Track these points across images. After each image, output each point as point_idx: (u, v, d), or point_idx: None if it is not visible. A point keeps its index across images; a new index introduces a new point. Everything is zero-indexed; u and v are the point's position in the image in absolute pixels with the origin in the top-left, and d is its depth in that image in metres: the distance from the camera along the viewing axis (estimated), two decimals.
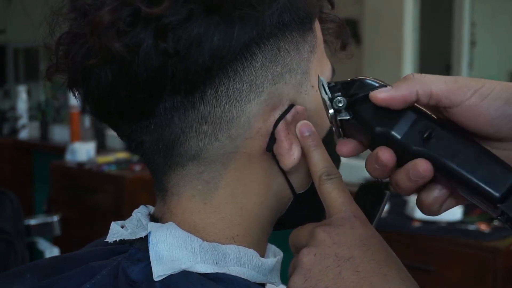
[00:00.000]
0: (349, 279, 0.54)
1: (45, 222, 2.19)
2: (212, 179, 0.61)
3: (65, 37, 0.60)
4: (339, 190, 0.59)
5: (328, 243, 0.56)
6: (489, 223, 2.28)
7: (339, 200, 0.58)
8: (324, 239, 0.56)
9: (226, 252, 0.60)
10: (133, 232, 0.63)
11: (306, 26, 0.61)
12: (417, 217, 2.30)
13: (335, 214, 0.58)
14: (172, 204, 0.63)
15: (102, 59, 0.56)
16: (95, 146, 3.62)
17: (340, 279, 0.54)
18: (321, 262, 0.55)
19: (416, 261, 2.11)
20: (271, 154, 0.61)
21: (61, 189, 3.51)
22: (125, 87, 0.57)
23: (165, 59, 0.55)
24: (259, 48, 0.58)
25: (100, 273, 0.60)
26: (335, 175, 0.59)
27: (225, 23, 0.55)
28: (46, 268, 0.65)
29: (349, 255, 0.55)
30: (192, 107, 0.58)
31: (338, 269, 0.54)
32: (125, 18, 0.55)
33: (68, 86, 0.62)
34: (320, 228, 0.57)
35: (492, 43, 4.46)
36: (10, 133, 4.58)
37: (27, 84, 4.65)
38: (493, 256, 2.06)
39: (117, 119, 0.61)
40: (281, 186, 0.63)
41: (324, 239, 0.56)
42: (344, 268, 0.54)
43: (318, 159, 0.60)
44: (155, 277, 0.58)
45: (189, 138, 0.59)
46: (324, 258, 0.55)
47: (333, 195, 0.58)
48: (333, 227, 0.57)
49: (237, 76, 0.58)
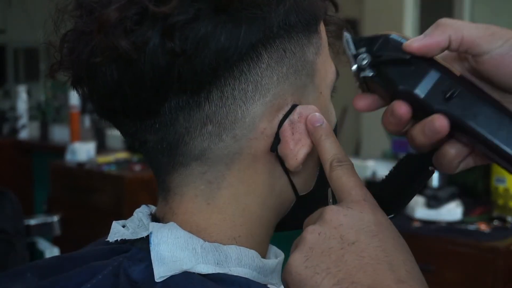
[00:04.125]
0: (352, 263, 0.52)
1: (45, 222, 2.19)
2: (215, 179, 0.61)
3: (70, 35, 0.60)
4: (348, 175, 0.58)
5: (335, 223, 0.54)
6: (489, 223, 2.28)
7: (349, 185, 0.57)
8: (331, 219, 0.55)
9: (228, 253, 0.60)
10: (134, 232, 0.63)
11: (312, 28, 0.61)
12: (417, 217, 2.30)
13: (345, 199, 0.57)
14: (174, 204, 0.62)
15: (108, 57, 0.56)
16: (95, 146, 3.62)
17: (342, 262, 0.52)
18: (324, 242, 0.54)
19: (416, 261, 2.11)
20: (275, 155, 0.61)
21: (61, 189, 3.51)
22: (130, 85, 0.57)
23: (171, 58, 0.55)
24: (265, 49, 0.58)
25: (101, 273, 0.60)
26: (346, 162, 0.59)
27: (232, 23, 0.55)
28: (46, 268, 0.64)
29: (355, 239, 0.53)
30: (198, 107, 0.58)
31: (342, 252, 0.53)
32: (132, 17, 0.55)
33: (72, 84, 0.62)
34: (328, 208, 0.56)
35: None
36: (10, 133, 4.58)
37: (27, 84, 4.65)
38: (493, 256, 2.06)
39: (122, 118, 0.61)
40: (284, 187, 0.63)
41: (331, 218, 0.55)
42: (348, 252, 0.53)
43: (329, 147, 0.59)
44: (157, 278, 0.58)
45: (194, 138, 0.59)
46: (329, 239, 0.54)
47: (343, 180, 0.57)
48: (343, 208, 0.55)
49: (242, 77, 0.57)
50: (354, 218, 0.54)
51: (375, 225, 0.54)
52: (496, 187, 2.40)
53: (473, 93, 0.55)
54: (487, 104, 0.55)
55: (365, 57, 0.58)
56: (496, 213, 2.36)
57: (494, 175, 2.41)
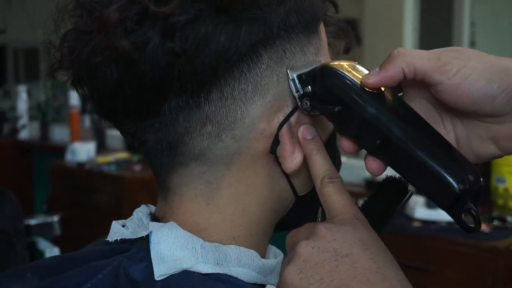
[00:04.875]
0: (346, 273, 0.53)
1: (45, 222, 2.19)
2: (214, 180, 0.61)
3: (70, 34, 0.60)
4: (340, 193, 0.58)
5: (328, 238, 0.55)
6: (489, 223, 2.28)
7: (340, 203, 0.58)
8: (325, 235, 0.55)
9: (227, 253, 0.60)
10: (134, 232, 0.63)
11: (312, 29, 0.61)
12: (417, 217, 2.30)
13: (336, 216, 0.57)
14: (174, 204, 0.63)
15: (108, 57, 0.56)
16: (95, 146, 3.62)
17: (336, 272, 0.53)
18: (318, 254, 0.54)
19: (416, 261, 2.11)
20: (274, 156, 0.61)
21: (61, 189, 3.51)
22: (131, 85, 0.57)
23: (172, 58, 0.55)
24: (265, 50, 0.58)
25: (101, 273, 0.60)
26: (336, 179, 0.59)
27: (233, 24, 0.55)
28: (46, 268, 0.65)
29: (348, 251, 0.54)
30: (197, 107, 0.58)
31: (336, 263, 0.53)
32: (132, 16, 0.55)
33: (72, 84, 0.62)
34: (321, 225, 0.57)
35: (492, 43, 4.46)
36: (10, 133, 4.58)
37: (27, 84, 4.65)
38: (493, 256, 2.06)
39: (122, 118, 0.61)
40: (284, 188, 0.63)
41: (325, 234, 0.55)
42: (342, 263, 0.53)
43: (320, 163, 0.60)
44: (157, 277, 0.58)
45: (193, 138, 0.59)
46: (322, 252, 0.54)
47: (334, 198, 0.58)
48: (335, 225, 0.56)
49: (242, 77, 0.58)
50: (347, 233, 0.55)
51: (367, 239, 0.55)
52: (496, 187, 2.40)
53: (401, 140, 0.56)
54: (413, 152, 0.55)
55: (307, 101, 0.59)
56: (496, 213, 2.36)
57: (494, 175, 2.41)
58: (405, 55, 0.56)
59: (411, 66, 0.56)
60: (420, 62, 0.55)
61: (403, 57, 0.56)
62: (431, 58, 0.55)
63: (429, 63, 0.55)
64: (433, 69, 0.55)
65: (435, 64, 0.55)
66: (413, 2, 4.05)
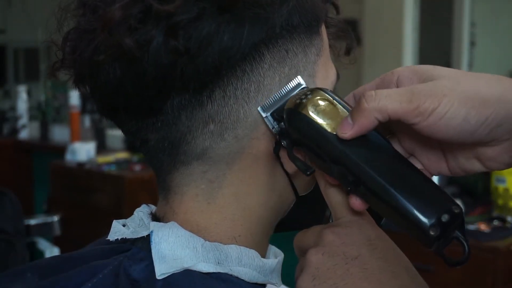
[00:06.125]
0: (357, 275, 0.54)
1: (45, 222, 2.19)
2: (216, 179, 0.61)
3: (73, 33, 0.60)
4: (345, 192, 0.58)
5: (337, 243, 0.56)
6: (489, 223, 2.28)
7: (345, 203, 0.58)
8: (333, 240, 0.56)
9: (228, 252, 0.60)
10: (134, 231, 0.63)
11: (314, 29, 0.61)
12: None
13: (342, 217, 0.58)
14: (175, 203, 0.63)
15: (111, 55, 0.56)
16: (95, 146, 3.62)
17: (348, 275, 0.54)
18: (329, 260, 0.55)
19: (416, 261, 2.10)
20: (275, 156, 0.61)
21: (61, 189, 3.51)
22: (133, 83, 0.57)
23: (174, 57, 0.55)
24: (267, 49, 0.58)
25: (102, 272, 0.60)
26: None
27: (236, 23, 0.55)
28: (46, 268, 0.64)
29: (357, 253, 0.55)
30: (200, 106, 0.58)
31: (346, 267, 0.54)
32: (136, 15, 0.55)
33: (74, 82, 0.62)
34: (328, 229, 0.57)
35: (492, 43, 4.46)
36: (10, 133, 4.58)
37: (27, 84, 4.66)
38: (493, 256, 2.06)
39: (124, 116, 0.61)
40: (285, 188, 0.63)
41: (333, 239, 0.56)
42: (352, 266, 0.54)
43: None
44: (158, 275, 0.58)
45: (195, 137, 0.59)
46: (332, 257, 0.55)
47: (340, 198, 0.58)
48: (342, 228, 0.57)
49: (245, 77, 0.58)
50: (354, 235, 0.56)
51: (375, 239, 0.56)
52: (496, 187, 2.40)
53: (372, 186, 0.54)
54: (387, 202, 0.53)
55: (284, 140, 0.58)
56: (496, 213, 2.37)
57: (494, 175, 2.41)
58: (375, 101, 0.53)
59: (384, 112, 0.53)
60: (392, 107, 0.53)
61: (374, 104, 0.53)
62: (402, 101, 0.53)
63: (401, 106, 0.53)
64: (406, 113, 0.52)
65: (407, 107, 0.52)
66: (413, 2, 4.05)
